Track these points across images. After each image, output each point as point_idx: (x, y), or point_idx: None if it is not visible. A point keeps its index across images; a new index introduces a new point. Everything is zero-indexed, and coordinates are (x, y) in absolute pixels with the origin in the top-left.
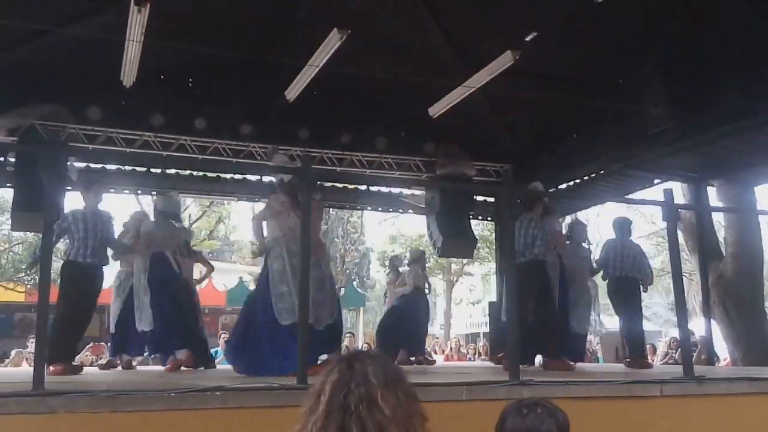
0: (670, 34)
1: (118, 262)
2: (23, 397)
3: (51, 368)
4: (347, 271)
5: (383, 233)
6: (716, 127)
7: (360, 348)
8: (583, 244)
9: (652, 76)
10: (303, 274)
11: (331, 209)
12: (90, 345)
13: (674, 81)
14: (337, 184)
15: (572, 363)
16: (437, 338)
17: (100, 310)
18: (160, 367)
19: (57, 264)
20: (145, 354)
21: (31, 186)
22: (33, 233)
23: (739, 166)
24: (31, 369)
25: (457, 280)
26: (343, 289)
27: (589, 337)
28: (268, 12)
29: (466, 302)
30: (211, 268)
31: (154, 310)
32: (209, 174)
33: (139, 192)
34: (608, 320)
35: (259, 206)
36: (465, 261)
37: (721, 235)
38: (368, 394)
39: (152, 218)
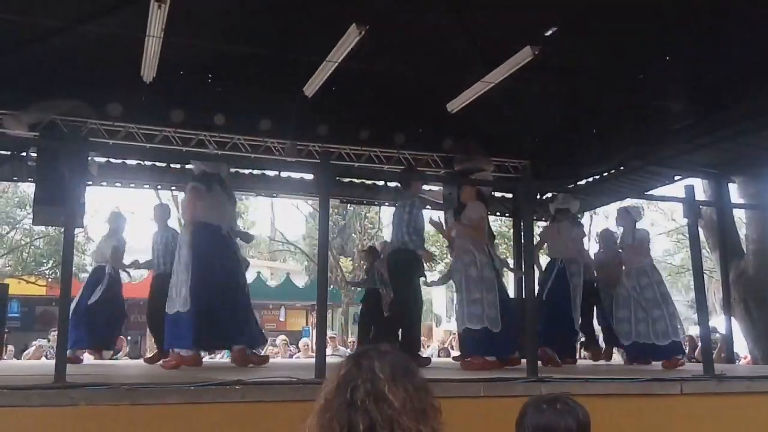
0: (692, 29)
1: None
2: (45, 390)
3: None
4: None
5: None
6: (738, 123)
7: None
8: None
9: (674, 72)
10: (321, 268)
11: (348, 204)
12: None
13: (695, 76)
14: (355, 180)
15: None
16: (454, 334)
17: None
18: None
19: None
20: None
21: (52, 181)
22: (54, 227)
23: (761, 162)
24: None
25: None
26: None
27: None
28: (287, 7)
29: None
30: None
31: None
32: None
33: (159, 187)
34: None
35: (278, 202)
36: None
37: (742, 232)
38: (375, 389)
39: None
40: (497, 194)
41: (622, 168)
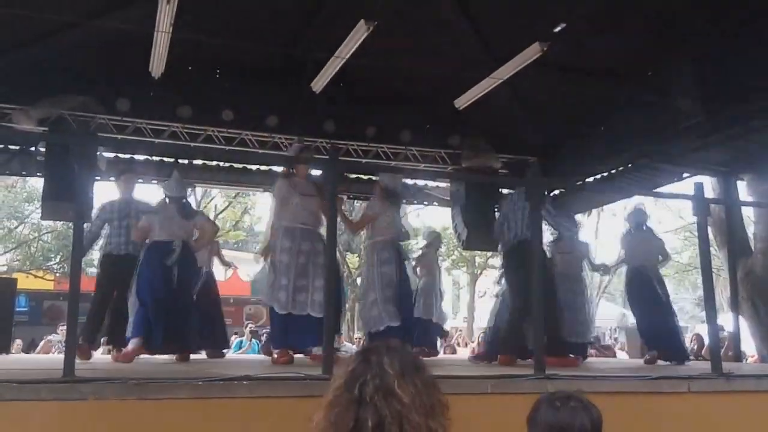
0: (701, 26)
1: None
2: (54, 384)
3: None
4: None
5: (408, 225)
6: (747, 121)
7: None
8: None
9: (682, 69)
10: (329, 264)
11: (355, 201)
12: None
13: (705, 73)
14: (362, 176)
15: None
16: (460, 330)
17: None
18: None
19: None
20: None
21: (61, 175)
22: (62, 222)
23: None
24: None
25: (481, 273)
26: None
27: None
28: (295, 3)
29: (490, 295)
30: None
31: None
32: (235, 165)
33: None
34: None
35: None
36: (489, 253)
37: (750, 230)
38: (384, 385)
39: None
40: (504, 191)
41: (630, 165)
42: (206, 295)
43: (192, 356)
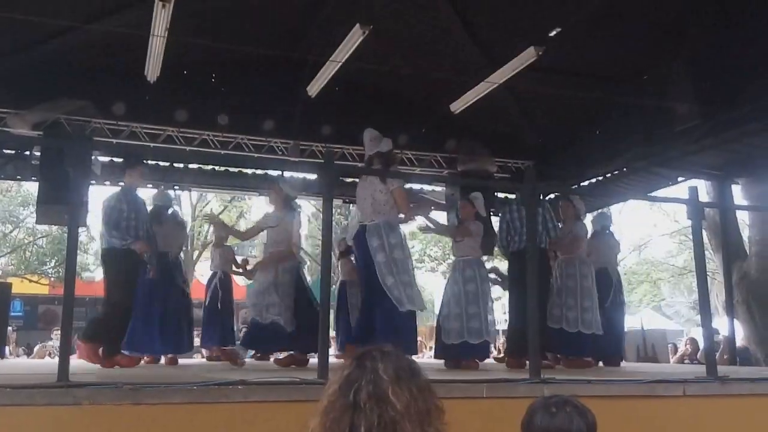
0: (697, 30)
1: None
2: (48, 389)
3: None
4: None
5: (404, 229)
6: (743, 125)
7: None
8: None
9: (678, 73)
10: (324, 269)
11: (351, 204)
12: None
13: (701, 77)
14: (358, 180)
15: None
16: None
17: None
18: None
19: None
20: None
21: (56, 180)
22: (57, 226)
23: (765, 163)
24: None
25: None
26: None
27: None
28: (291, 7)
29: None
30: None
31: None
32: (231, 169)
33: (162, 186)
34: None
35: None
36: (485, 257)
37: (745, 234)
38: (378, 391)
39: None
40: (501, 195)
41: (625, 169)
42: (221, 296)
43: (192, 358)
